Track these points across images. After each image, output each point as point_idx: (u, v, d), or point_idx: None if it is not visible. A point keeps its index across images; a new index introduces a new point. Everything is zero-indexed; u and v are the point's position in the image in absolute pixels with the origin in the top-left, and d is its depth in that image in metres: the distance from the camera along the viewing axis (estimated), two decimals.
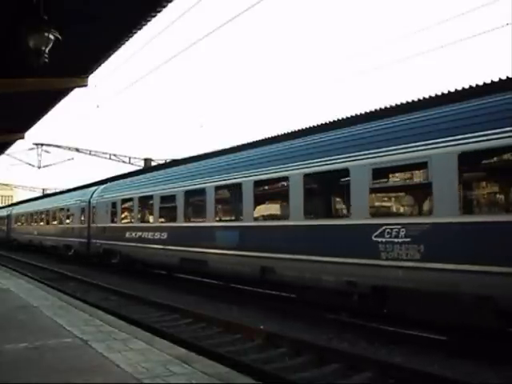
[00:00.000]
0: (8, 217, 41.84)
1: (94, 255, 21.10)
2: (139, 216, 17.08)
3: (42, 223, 30.66)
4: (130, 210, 18.15)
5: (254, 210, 11.53)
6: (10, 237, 39.71)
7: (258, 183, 11.42)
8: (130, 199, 17.73)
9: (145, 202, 16.84)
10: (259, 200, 11.81)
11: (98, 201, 20.86)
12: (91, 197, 22.01)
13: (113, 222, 19.14)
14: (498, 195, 8.01)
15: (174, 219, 14.52)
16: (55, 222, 27.58)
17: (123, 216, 18.67)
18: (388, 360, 6.74)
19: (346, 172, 9.10)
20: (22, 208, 39.58)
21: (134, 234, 16.73)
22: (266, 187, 12.01)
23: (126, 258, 17.50)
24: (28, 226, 34.27)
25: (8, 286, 11.38)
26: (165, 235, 14.82)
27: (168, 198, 14.95)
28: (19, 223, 37.75)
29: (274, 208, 12.37)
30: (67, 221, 25.34)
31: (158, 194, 15.60)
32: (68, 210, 25.35)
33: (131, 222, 17.60)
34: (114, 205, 19.08)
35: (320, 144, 10.12)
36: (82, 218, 22.77)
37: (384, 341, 7.83)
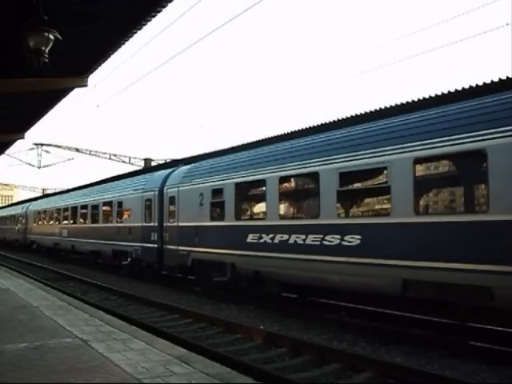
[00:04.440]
0: (24, 215, 34.82)
1: (172, 267, 14.94)
2: (281, 209, 10.95)
3: (74, 222, 24.05)
4: (255, 199, 12.22)
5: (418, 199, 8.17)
6: (28, 239, 32.88)
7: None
8: (257, 183, 11.52)
9: (296, 185, 11.11)
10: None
11: (181, 189, 14.41)
12: (164, 184, 15.55)
13: (215, 218, 12.92)
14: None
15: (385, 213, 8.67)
16: (98, 221, 20.85)
17: (240, 210, 12.26)
18: (388, 360, 6.74)
19: None
20: (43, 204, 32.10)
21: (267, 238, 10.66)
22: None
23: (244, 273, 11.54)
24: (53, 226, 27.44)
25: (8, 286, 11.38)
26: (357, 240, 8.62)
27: (368, 173, 9.06)
28: (39, 222, 30.82)
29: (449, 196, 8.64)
30: (119, 218, 18.69)
31: (342, 168, 9.10)
32: (120, 204, 18.57)
33: (261, 218, 11.41)
34: (216, 193, 12.78)
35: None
36: (148, 214, 16.28)
37: (384, 341, 7.83)
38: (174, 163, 19.57)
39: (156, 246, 15.43)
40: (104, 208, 20.31)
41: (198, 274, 13.73)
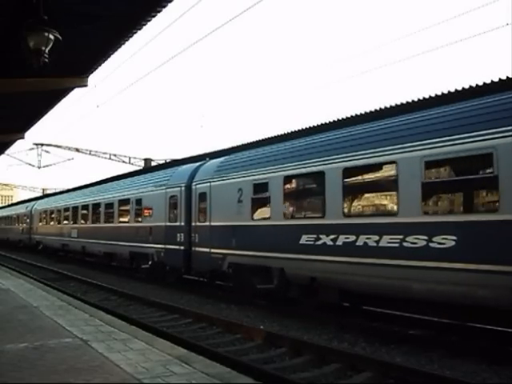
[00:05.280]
0: (29, 214, 33.28)
1: (202, 272, 13.60)
2: (346, 205, 9.24)
3: (85, 221, 22.51)
4: (310, 194, 10.60)
5: None
6: (32, 239, 31.43)
7: None
8: (313, 175, 9.93)
9: (367, 177, 9.10)
10: None
11: (214, 184, 12.85)
12: (192, 179, 14.00)
13: (258, 217, 11.32)
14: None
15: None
16: (113, 220, 19.25)
17: (290, 207, 10.77)
18: (388, 360, 6.75)
19: None
20: (50, 202, 30.49)
21: (327, 240, 9.23)
22: None
23: (296, 280, 10.11)
24: (60, 226, 26.01)
25: (8, 285, 11.37)
26: (451, 242, 7.29)
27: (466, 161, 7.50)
28: (46, 222, 29.31)
29: None
30: (138, 218, 17.01)
31: (428, 156, 7.75)
32: (138, 202, 16.90)
33: (318, 216, 9.67)
34: (259, 188, 11.21)
35: None
36: (173, 213, 14.71)
37: (384, 341, 7.83)
38: (200, 157, 17.41)
39: (182, 248, 13.91)
40: (120, 206, 18.69)
41: (236, 280, 12.08)
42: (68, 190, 32.88)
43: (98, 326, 6.69)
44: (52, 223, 28.08)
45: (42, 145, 37.22)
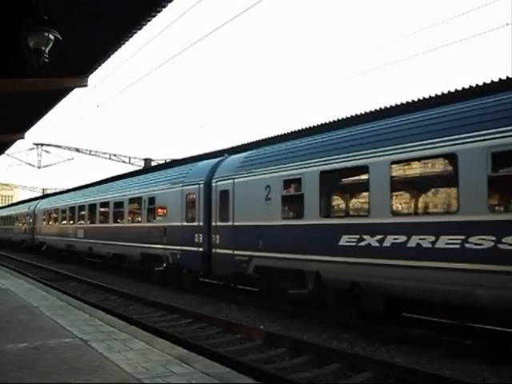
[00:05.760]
0: (32, 214, 32.34)
1: (224, 275, 12.53)
2: (395, 203, 8.43)
3: (92, 221, 21.45)
4: (351, 191, 9.75)
5: None
6: (36, 240, 30.52)
7: None
8: (355, 170, 9.07)
9: (420, 171, 8.39)
10: None
11: (238, 180, 11.80)
12: (212, 175, 13.04)
13: (289, 216, 10.66)
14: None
15: None
16: (122, 220, 18.42)
17: (327, 205, 9.87)
18: (388, 360, 6.75)
19: None
20: (54, 201, 29.39)
21: (372, 240, 8.29)
22: None
23: (334, 284, 9.16)
24: (66, 226, 25.09)
25: (8, 285, 11.37)
26: None
27: None
28: (50, 222, 28.42)
29: None
30: (151, 217, 16.04)
31: (495, 147, 6.94)
32: (151, 201, 15.91)
33: (362, 215, 8.93)
34: (290, 185, 10.39)
35: None
36: (190, 212, 13.77)
37: (384, 341, 7.83)
38: (218, 153, 16.30)
39: (201, 249, 12.92)
40: (130, 205, 17.75)
41: (263, 285, 11.12)
42: (73, 189, 31.48)
43: (98, 326, 6.69)
44: (56, 223, 27.16)
45: (42, 145, 37.27)
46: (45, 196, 41.68)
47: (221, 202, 12.42)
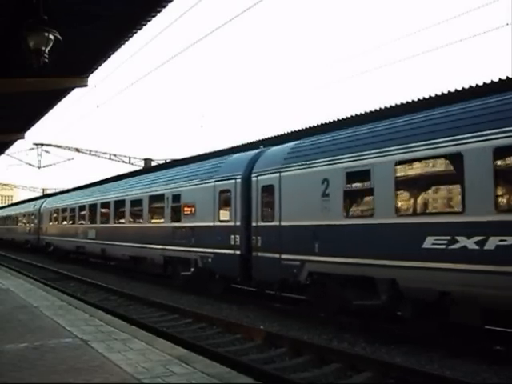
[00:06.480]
0: (37, 213, 30.88)
1: (268, 282, 11.05)
2: (499, 196, 7.07)
3: (106, 221, 20.04)
4: (437, 184, 8.08)
5: None
6: (41, 241, 29.14)
7: None
8: (443, 159, 7.78)
9: None
10: None
11: (285, 174, 10.39)
12: (251, 169, 11.65)
13: (355, 214, 9.17)
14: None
15: None
16: (141, 219, 16.89)
17: (405, 201, 8.40)
18: (388, 360, 6.75)
19: None
20: (62, 200, 27.85)
21: (469, 243, 6.98)
22: None
23: (415, 294, 7.74)
24: (75, 226, 23.69)
25: (8, 285, 11.37)
26: None
27: None
28: (57, 221, 26.89)
29: None
30: (175, 216, 14.52)
31: None
32: (176, 198, 14.49)
33: (453, 212, 7.57)
34: (355, 178, 8.99)
35: None
36: (224, 210, 12.39)
37: (384, 341, 7.83)
38: (252, 145, 14.82)
39: (238, 252, 11.57)
40: (151, 203, 16.23)
41: (318, 294, 9.59)
42: (83, 186, 29.56)
43: (98, 326, 6.69)
44: (65, 223, 25.59)
45: (42, 145, 37.26)
46: (51, 194, 39.78)
47: (263, 198, 11.09)
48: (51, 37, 6.85)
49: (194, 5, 8.38)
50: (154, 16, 7.92)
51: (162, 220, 15.41)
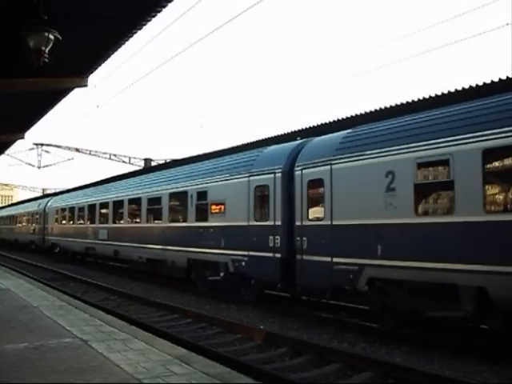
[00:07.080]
0: (42, 212, 29.63)
1: (317, 289, 9.74)
2: None
3: (119, 220, 18.87)
4: None
5: None
6: (47, 241, 27.87)
7: None
8: None
9: None
10: None
11: (337, 166, 9.23)
12: (294, 161, 10.47)
13: (429, 211, 8.14)
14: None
15: None
16: (160, 219, 15.45)
17: (495, 196, 7.37)
18: (388, 360, 6.75)
19: None
20: (69, 198, 26.40)
21: None
22: None
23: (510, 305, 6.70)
24: (84, 226, 22.43)
25: (8, 286, 11.37)
26: None
27: None
28: (64, 221, 25.68)
29: None
30: (201, 215, 13.27)
31: None
32: (201, 195, 13.29)
33: None
34: (427, 169, 8.07)
35: None
36: (260, 208, 11.28)
37: (384, 341, 7.83)
38: (292, 135, 13.48)
39: (279, 255, 10.39)
40: (171, 201, 15.02)
41: (380, 303, 8.42)
42: (93, 184, 28.15)
43: (98, 326, 6.69)
44: (72, 222, 24.28)
45: (42, 145, 37.21)
46: (57, 193, 37.79)
47: (309, 194, 9.85)
48: (51, 37, 6.85)
49: (193, 5, 8.38)
50: (153, 16, 7.92)
51: (185, 219, 14.18)
